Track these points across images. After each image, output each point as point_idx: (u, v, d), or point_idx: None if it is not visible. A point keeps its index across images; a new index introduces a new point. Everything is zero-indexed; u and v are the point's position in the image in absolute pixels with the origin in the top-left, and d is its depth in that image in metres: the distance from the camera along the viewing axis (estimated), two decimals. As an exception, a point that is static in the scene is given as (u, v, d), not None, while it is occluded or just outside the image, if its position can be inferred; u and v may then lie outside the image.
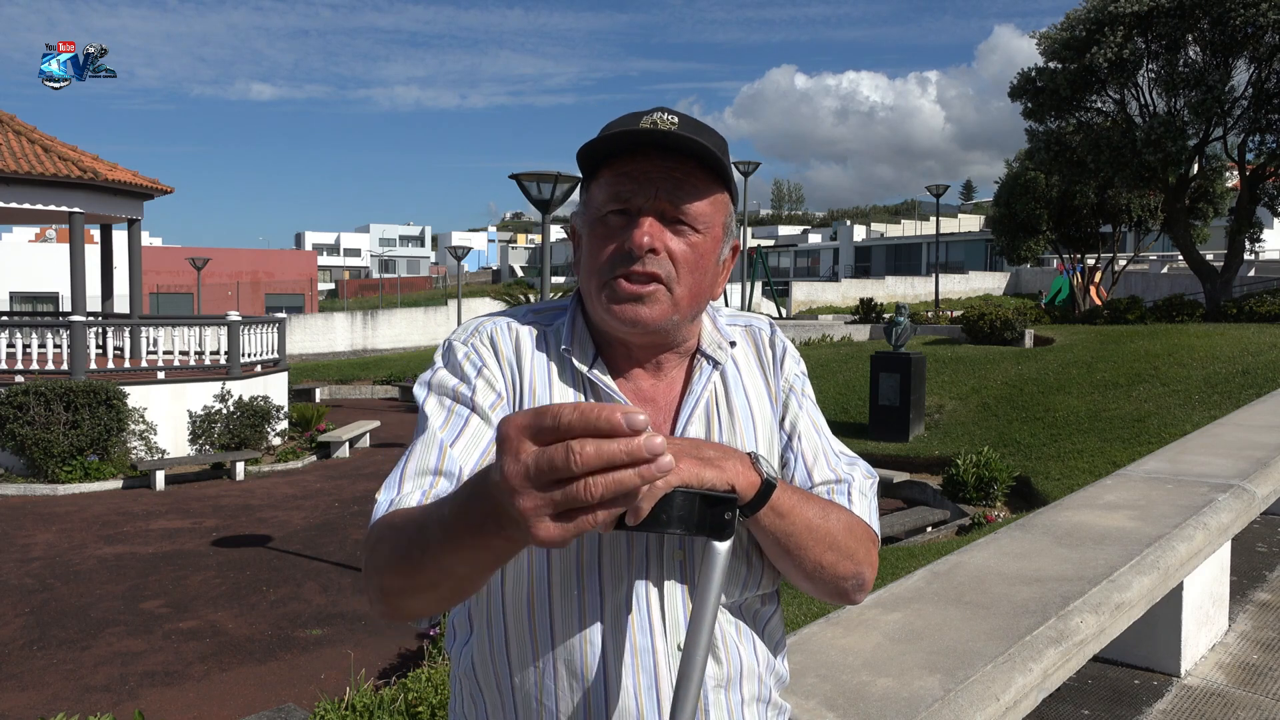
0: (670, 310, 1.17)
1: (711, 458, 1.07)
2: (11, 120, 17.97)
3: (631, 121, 1.16)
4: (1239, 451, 4.31)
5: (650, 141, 1.14)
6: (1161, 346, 18.59)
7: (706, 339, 1.28)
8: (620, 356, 1.24)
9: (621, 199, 1.16)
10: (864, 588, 1.24)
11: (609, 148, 1.16)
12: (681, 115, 1.17)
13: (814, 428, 1.31)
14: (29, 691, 6.87)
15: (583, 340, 1.23)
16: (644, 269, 1.15)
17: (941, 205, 34.81)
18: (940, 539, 10.53)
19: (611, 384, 1.21)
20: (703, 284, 1.20)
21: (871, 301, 32.78)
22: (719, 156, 1.14)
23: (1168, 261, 41.72)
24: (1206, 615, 3.48)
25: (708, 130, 1.19)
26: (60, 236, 44.92)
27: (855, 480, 1.29)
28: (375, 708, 4.62)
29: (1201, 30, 23.05)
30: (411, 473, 1.13)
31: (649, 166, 1.15)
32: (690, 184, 1.16)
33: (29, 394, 13.78)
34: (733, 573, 1.20)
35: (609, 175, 1.17)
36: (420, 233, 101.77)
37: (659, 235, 1.15)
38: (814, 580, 1.20)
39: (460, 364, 1.20)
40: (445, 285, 62.19)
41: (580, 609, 1.15)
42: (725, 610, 1.20)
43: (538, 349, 1.23)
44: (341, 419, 19.72)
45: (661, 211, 1.15)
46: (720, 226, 1.21)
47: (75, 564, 10.09)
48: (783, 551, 1.16)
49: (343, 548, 10.66)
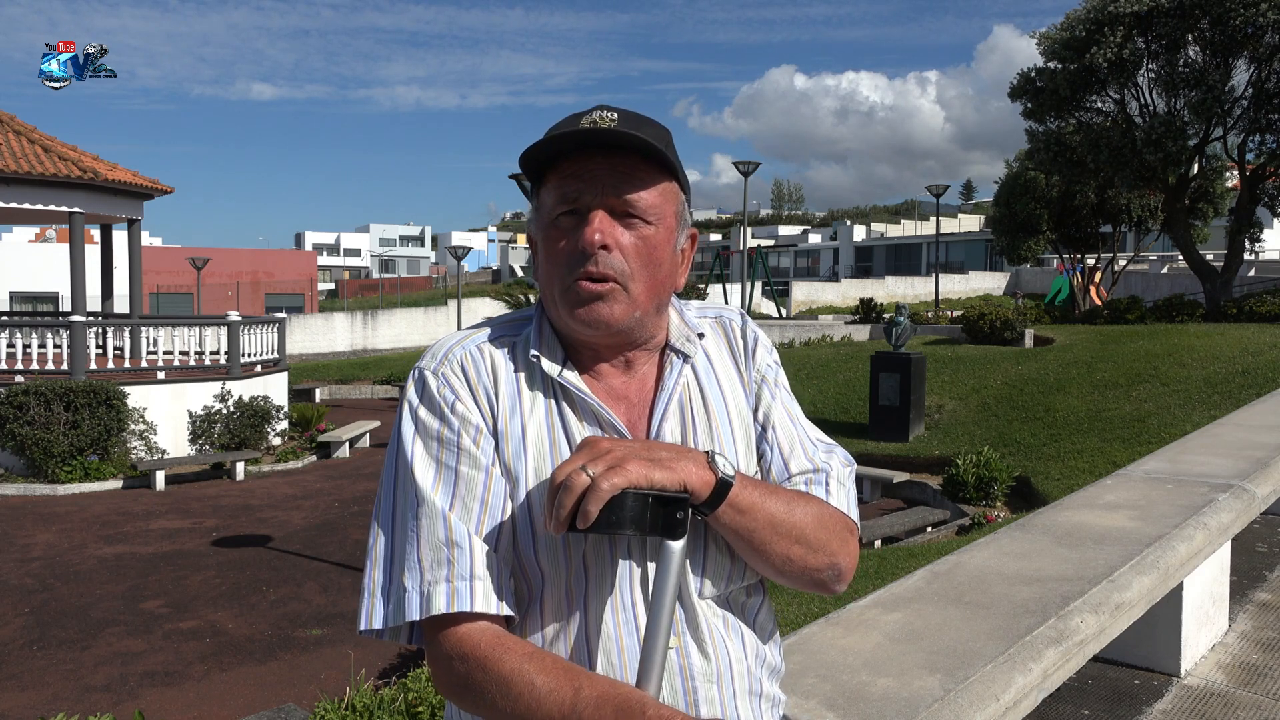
0: (630, 308, 1.18)
1: (663, 459, 1.08)
2: (11, 120, 17.97)
3: (572, 123, 1.17)
4: (1239, 451, 4.31)
5: (591, 140, 1.14)
6: (1161, 346, 18.59)
7: (674, 332, 1.28)
8: (589, 357, 1.24)
9: (569, 199, 1.17)
10: (841, 578, 1.24)
11: (550, 150, 1.17)
12: (621, 111, 1.18)
13: (789, 417, 1.31)
14: (29, 691, 6.87)
15: (551, 344, 1.23)
16: (598, 267, 1.15)
17: (941, 205, 34.82)
18: (940, 539, 10.54)
19: (582, 385, 1.21)
20: (660, 276, 1.20)
21: (871, 301, 32.77)
22: (660, 149, 1.15)
23: (1168, 261, 41.73)
24: (1206, 615, 3.48)
25: (648, 123, 1.19)
26: (60, 236, 44.93)
27: (833, 469, 1.29)
28: (375, 708, 4.61)
29: (1201, 30, 23.03)
30: (426, 549, 1.13)
31: (593, 165, 1.16)
32: (636, 177, 1.16)
33: (29, 394, 13.79)
34: (716, 566, 1.20)
35: (555, 178, 1.18)
36: (420, 233, 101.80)
37: (610, 231, 1.16)
38: (784, 574, 1.20)
39: (436, 401, 1.19)
40: (445, 285, 62.19)
41: (568, 612, 1.16)
42: (712, 604, 1.21)
43: (509, 363, 1.23)
44: (341, 419, 19.73)
45: (610, 207, 1.16)
46: (672, 216, 1.21)
47: (75, 564, 10.09)
48: (747, 547, 1.17)
49: (343, 548, 10.66)
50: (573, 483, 1.03)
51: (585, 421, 1.20)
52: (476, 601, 1.10)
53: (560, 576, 1.16)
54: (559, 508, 1.04)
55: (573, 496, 1.03)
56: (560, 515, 1.04)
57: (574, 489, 1.03)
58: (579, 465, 1.05)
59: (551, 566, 1.16)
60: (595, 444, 1.08)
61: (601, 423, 1.20)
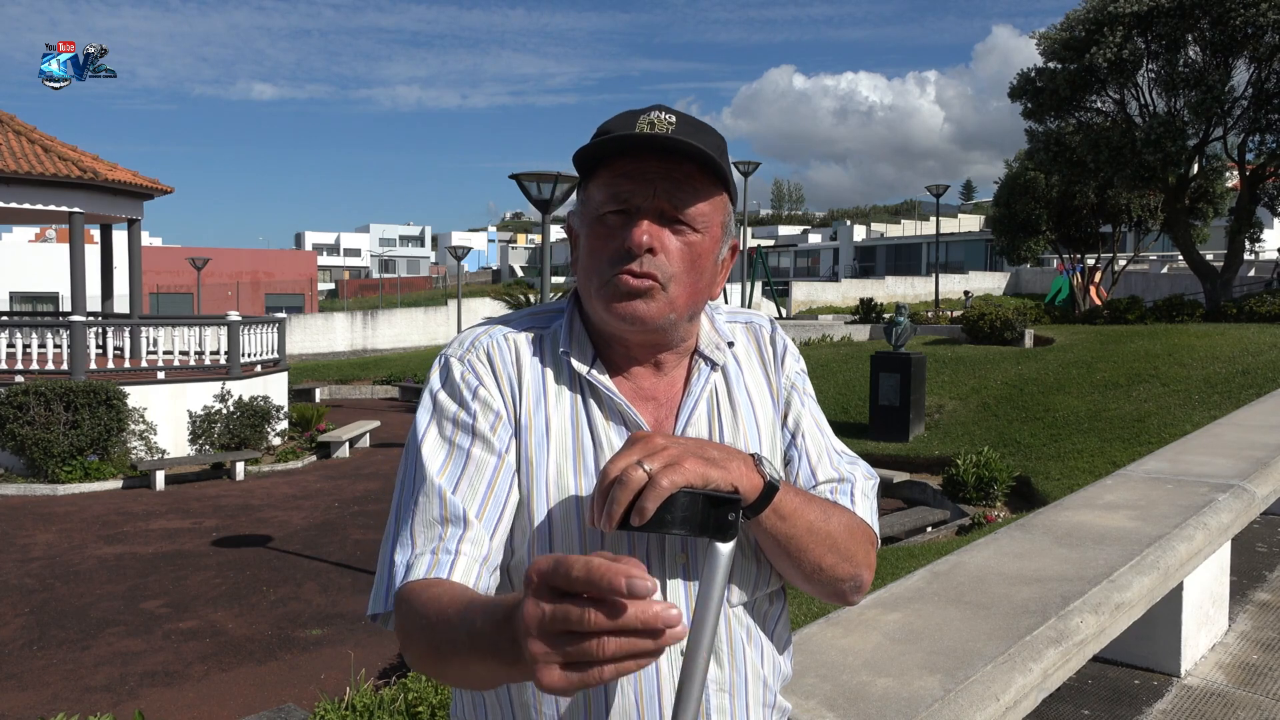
0: (667, 309, 1.17)
1: (716, 458, 1.05)
2: (11, 120, 17.96)
3: (629, 121, 1.16)
4: (1239, 451, 4.31)
5: (651, 145, 1.13)
6: (1161, 346, 18.59)
7: (705, 339, 1.27)
8: (619, 356, 1.23)
9: (620, 199, 1.15)
10: (861, 589, 1.24)
11: (609, 151, 1.15)
12: (680, 115, 1.17)
13: (817, 426, 1.31)
14: (29, 691, 6.87)
15: (581, 341, 1.22)
16: (642, 268, 1.14)
17: (941, 205, 34.81)
18: (940, 539, 10.53)
19: (610, 384, 1.20)
20: (700, 283, 1.20)
21: (871, 301, 32.76)
22: (717, 160, 1.14)
23: (1168, 261, 41.73)
24: (1206, 615, 3.48)
25: (706, 130, 1.18)
26: (60, 236, 44.91)
27: (857, 480, 1.28)
28: (375, 708, 4.62)
29: (1201, 30, 23.04)
30: (420, 526, 1.12)
31: (648, 167, 1.14)
32: (689, 185, 1.16)
33: (29, 394, 13.78)
34: (743, 572, 1.20)
35: (607, 175, 1.17)
36: (420, 233, 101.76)
37: (657, 235, 1.15)
38: (812, 581, 1.19)
39: (458, 386, 1.19)
40: (445, 285, 62.18)
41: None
42: (735, 612, 1.20)
43: (535, 356, 1.22)
44: (341, 419, 19.72)
45: (660, 211, 1.15)
46: (719, 226, 1.21)
47: (75, 564, 10.09)
48: (783, 553, 1.16)
49: (342, 548, 10.66)
50: (629, 478, 0.99)
51: (611, 420, 1.19)
52: (456, 573, 1.08)
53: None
54: (613, 503, 0.99)
55: (629, 493, 0.99)
56: (614, 511, 1.00)
57: (630, 485, 0.99)
58: (634, 460, 1.01)
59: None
60: (650, 440, 1.05)
61: (627, 422, 1.19)
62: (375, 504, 12.91)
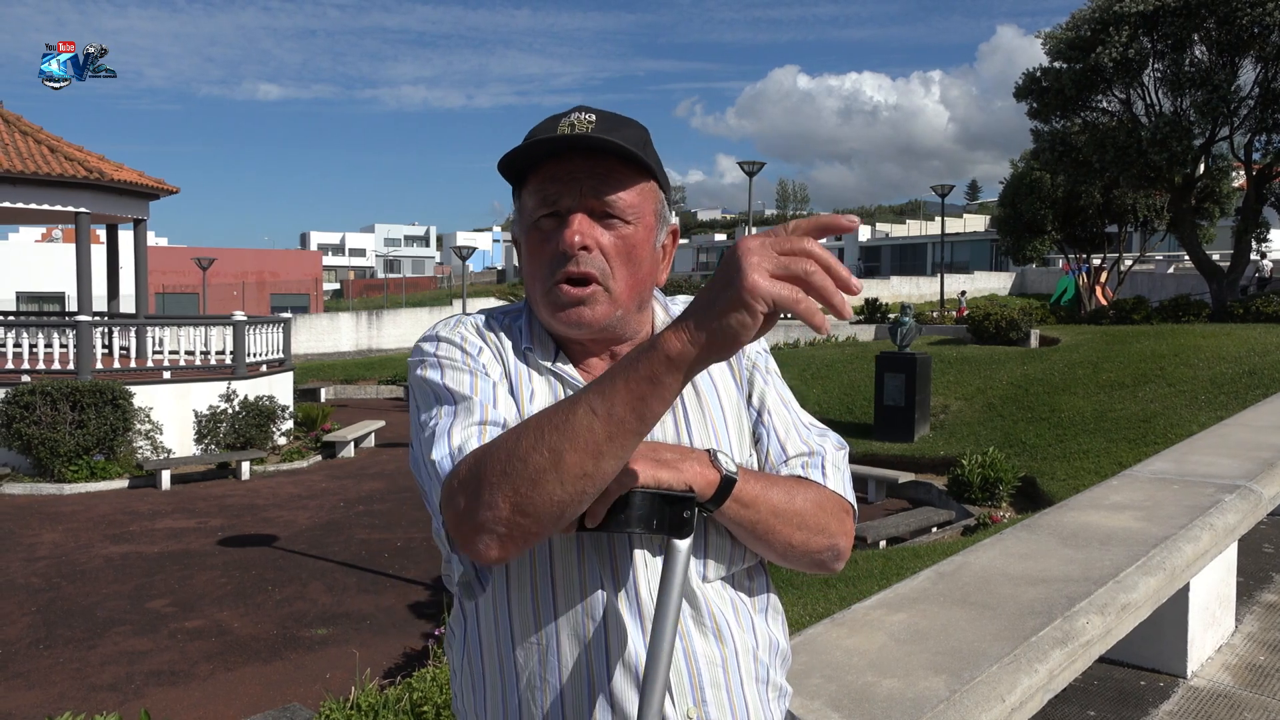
0: (611, 308, 1.21)
1: (668, 459, 1.10)
2: (18, 120, 18.01)
3: (551, 125, 1.20)
4: (1246, 452, 4.29)
5: (569, 144, 1.17)
6: (1167, 347, 18.54)
7: (659, 327, 1.29)
8: (577, 353, 1.27)
9: (550, 201, 1.19)
10: (840, 557, 1.26)
11: (529, 155, 1.20)
12: (599, 113, 1.21)
13: (782, 402, 1.33)
14: (35, 690, 6.89)
15: (542, 339, 1.27)
16: (579, 268, 1.18)
17: (946, 205, 34.78)
18: (945, 539, 10.51)
19: (576, 375, 1.24)
20: (640, 274, 1.23)
21: (876, 302, 32.75)
22: (635, 152, 1.17)
23: (1174, 261, 41.61)
24: (1213, 616, 3.47)
25: (626, 124, 1.21)
26: (66, 236, 45.00)
27: (827, 452, 1.30)
28: (380, 707, 4.62)
29: (1208, 30, 22.97)
30: (459, 428, 1.12)
31: (573, 167, 1.18)
32: (614, 178, 1.19)
33: (35, 394, 13.82)
34: (717, 549, 1.22)
35: (536, 181, 1.21)
36: (425, 233, 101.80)
37: (589, 232, 1.18)
38: (787, 558, 1.23)
39: (455, 343, 1.23)
40: (450, 285, 62.22)
41: (582, 581, 1.16)
42: (718, 587, 1.22)
43: (510, 341, 1.27)
44: (346, 419, 19.74)
45: (590, 208, 1.19)
46: (651, 214, 1.24)
47: (81, 563, 10.11)
48: (752, 536, 1.19)
49: (348, 547, 10.67)
50: None
51: None
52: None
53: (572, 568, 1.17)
54: None
55: None
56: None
57: None
58: None
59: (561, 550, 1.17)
60: None
61: None
62: (380, 503, 12.93)
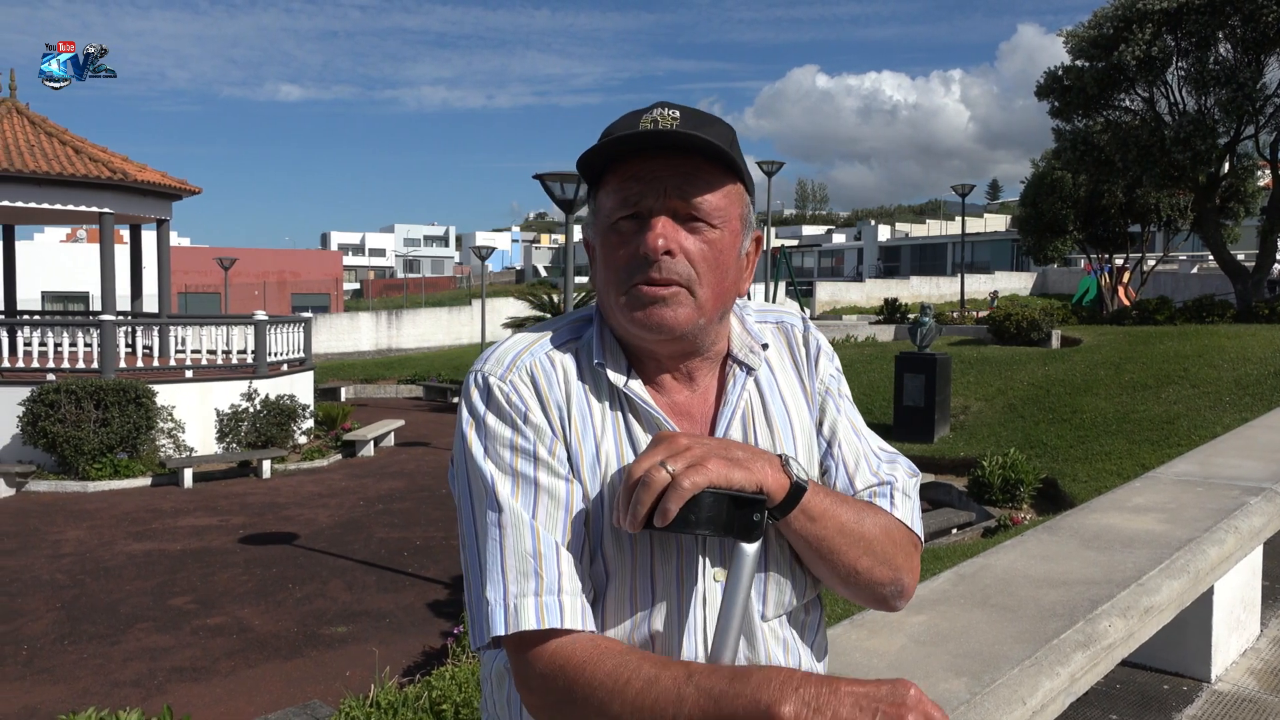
0: (695, 314, 1.12)
1: (740, 459, 1.05)
2: (43, 122, 18.21)
3: (632, 121, 1.12)
4: (1271, 454, 4.25)
5: (653, 142, 1.10)
6: (1191, 347, 18.35)
7: (737, 342, 1.23)
8: (651, 368, 1.19)
9: (630, 202, 1.12)
10: (904, 595, 1.20)
11: (611, 152, 1.12)
12: (683, 109, 1.13)
13: (853, 430, 1.28)
14: (60, 685, 6.97)
15: (614, 352, 1.18)
16: (661, 274, 1.10)
17: (967, 205, 34.59)
18: (966, 541, 10.45)
19: (649, 398, 1.16)
20: (726, 282, 1.15)
21: (896, 302, 32.57)
22: (724, 149, 1.10)
23: (1198, 261, 41.21)
24: (1238, 620, 3.43)
25: (712, 121, 1.14)
26: (91, 237, 45.49)
27: (898, 481, 1.25)
28: (400, 705, 4.64)
29: (1232, 27, 22.71)
30: (511, 559, 1.07)
31: (655, 165, 1.11)
32: (700, 178, 1.11)
33: (60, 392, 13.97)
34: (777, 587, 1.17)
35: (615, 180, 1.13)
36: (445, 233, 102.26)
37: (673, 236, 1.10)
38: (850, 586, 1.17)
39: (505, 409, 1.13)
40: (469, 285, 62.46)
41: (633, 609, 1.12)
42: (772, 626, 1.18)
43: (578, 376, 1.17)
44: (366, 418, 19.84)
45: (674, 210, 1.11)
46: (737, 219, 1.16)
47: (105, 560, 10.22)
48: (816, 555, 1.14)
49: (368, 546, 10.73)
50: (652, 479, 1.00)
51: (650, 435, 1.16)
52: (565, 618, 1.05)
53: (625, 579, 1.12)
54: (637, 504, 1.00)
55: (652, 494, 1.00)
56: (638, 512, 1.00)
57: (653, 486, 0.99)
58: (658, 461, 1.01)
59: (617, 564, 1.12)
60: (673, 440, 1.04)
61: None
62: (400, 502, 12.99)
